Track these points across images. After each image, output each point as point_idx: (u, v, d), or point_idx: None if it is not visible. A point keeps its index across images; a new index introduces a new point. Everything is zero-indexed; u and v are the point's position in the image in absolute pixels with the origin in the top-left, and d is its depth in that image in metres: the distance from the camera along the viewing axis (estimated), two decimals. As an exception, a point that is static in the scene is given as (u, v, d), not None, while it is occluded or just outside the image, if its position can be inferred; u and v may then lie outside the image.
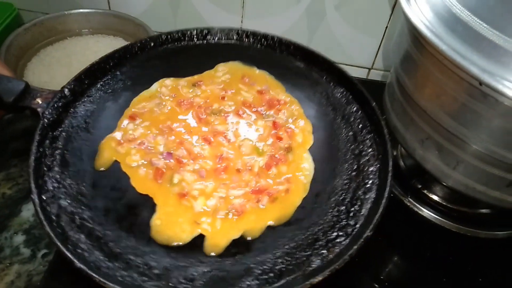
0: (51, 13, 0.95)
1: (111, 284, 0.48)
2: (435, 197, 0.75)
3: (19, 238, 0.67)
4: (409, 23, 0.56)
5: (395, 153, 0.82)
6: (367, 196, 0.61)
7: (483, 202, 0.62)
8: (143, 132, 0.65)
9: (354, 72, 1.02)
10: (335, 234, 0.57)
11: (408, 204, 0.74)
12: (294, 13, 0.92)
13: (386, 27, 0.92)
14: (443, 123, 0.57)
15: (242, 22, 0.97)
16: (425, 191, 0.75)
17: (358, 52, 0.98)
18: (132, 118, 0.67)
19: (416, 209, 0.73)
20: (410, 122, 0.64)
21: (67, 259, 0.50)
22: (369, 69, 1.02)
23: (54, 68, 0.87)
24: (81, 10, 0.97)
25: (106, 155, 0.63)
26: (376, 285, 0.66)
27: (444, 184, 0.64)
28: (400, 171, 0.79)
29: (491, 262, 0.71)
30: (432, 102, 0.58)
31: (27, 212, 0.51)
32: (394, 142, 0.79)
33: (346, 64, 1.00)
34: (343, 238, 0.56)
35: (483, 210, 0.74)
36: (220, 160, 0.62)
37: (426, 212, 0.73)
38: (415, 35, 0.58)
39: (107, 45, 0.94)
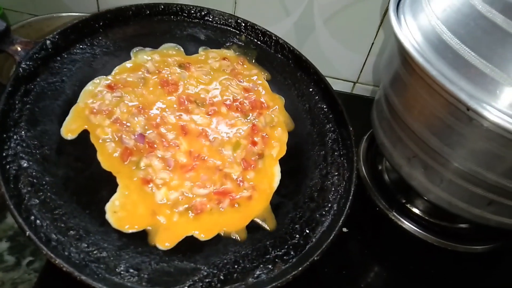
0: (38, 15, 0.90)
1: (57, 260, 0.48)
2: (417, 211, 0.78)
3: (3, 245, 0.64)
4: (400, 46, 0.59)
5: (380, 168, 0.85)
6: (323, 219, 0.63)
7: (463, 218, 0.66)
8: (120, 107, 0.63)
9: (340, 86, 1.04)
10: (284, 250, 0.59)
11: (393, 218, 0.77)
12: (284, 26, 0.94)
13: (372, 44, 0.95)
14: (430, 142, 0.60)
15: None
16: (408, 205, 0.79)
17: (344, 66, 1.01)
18: (111, 87, 0.65)
19: (400, 222, 0.76)
20: (398, 140, 0.67)
21: (17, 223, 0.49)
22: (354, 82, 1.04)
23: None
24: (70, 14, 0.91)
25: (77, 121, 0.61)
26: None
27: (429, 200, 0.68)
28: (385, 185, 0.82)
29: (470, 276, 0.75)
30: (419, 122, 0.61)
31: (12, 218, 0.49)
32: (379, 156, 0.85)
33: (332, 77, 1.02)
34: (291, 256, 0.58)
35: (463, 225, 0.78)
36: (192, 157, 0.62)
37: (409, 226, 0.76)
38: (405, 58, 0.60)
39: None
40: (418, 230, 0.75)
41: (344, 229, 0.73)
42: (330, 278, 0.64)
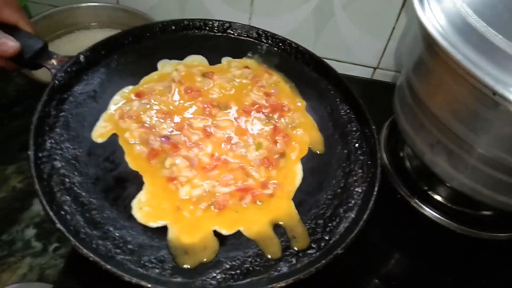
0: (59, 6, 0.94)
1: (84, 250, 0.50)
2: (440, 199, 0.76)
3: (30, 232, 0.68)
4: (423, 30, 0.57)
5: (401, 155, 0.84)
6: (347, 215, 0.62)
7: (487, 205, 0.64)
8: (147, 112, 0.67)
9: (360, 71, 1.03)
10: (307, 245, 0.58)
11: (414, 205, 0.75)
12: (302, 12, 0.93)
13: (393, 28, 0.93)
14: (454, 128, 0.59)
15: (250, 19, 0.97)
16: (430, 193, 0.77)
17: (364, 52, 1.00)
18: (139, 95, 0.69)
19: (422, 210, 0.75)
20: (421, 126, 0.66)
21: (49, 217, 0.52)
22: (375, 68, 1.03)
23: None
24: (90, 4, 0.96)
25: (107, 126, 0.65)
26: (381, 284, 0.68)
27: (452, 187, 0.66)
28: (406, 172, 0.81)
29: (493, 263, 0.73)
30: (443, 108, 0.60)
31: (38, 205, 0.52)
32: (401, 143, 0.84)
33: (352, 63, 1.02)
34: (314, 251, 0.58)
35: (486, 212, 0.76)
36: (215, 157, 0.64)
37: (431, 213, 0.74)
38: (429, 42, 0.59)
39: None
40: (440, 217, 0.73)
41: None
42: (351, 267, 0.64)
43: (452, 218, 0.74)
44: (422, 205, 0.75)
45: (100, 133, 0.64)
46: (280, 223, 0.60)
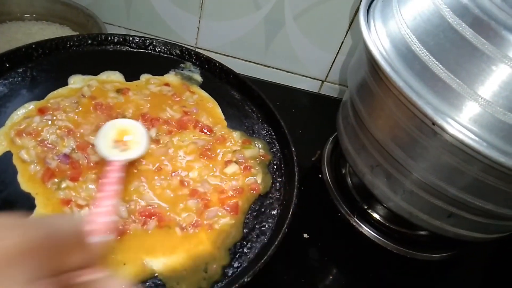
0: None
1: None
2: (378, 217, 0.77)
3: None
4: (368, 53, 0.57)
5: (343, 171, 0.83)
6: (259, 240, 0.59)
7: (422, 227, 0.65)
8: (47, 129, 0.62)
9: (308, 84, 1.03)
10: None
11: (354, 224, 0.75)
12: (253, 19, 0.92)
13: (342, 43, 0.94)
14: (393, 153, 0.59)
15: (199, 22, 0.95)
16: (369, 211, 0.77)
17: (313, 64, 1.00)
18: (42, 111, 0.64)
19: (360, 228, 0.75)
20: (362, 147, 0.66)
21: None
22: (323, 81, 1.03)
23: None
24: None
25: (1, 143, 0.59)
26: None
27: (390, 209, 0.66)
28: (347, 189, 0.80)
29: (427, 283, 0.75)
30: (384, 132, 0.60)
31: None
32: (343, 160, 0.83)
33: (301, 75, 1.01)
34: (221, 279, 0.54)
35: (422, 232, 0.77)
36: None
37: (369, 232, 0.74)
38: (373, 66, 0.59)
39: (52, 33, 0.88)
40: (378, 236, 0.74)
41: (305, 235, 0.72)
42: (288, 285, 0.62)
43: (389, 237, 0.75)
44: (361, 224, 0.75)
45: (-8, 151, 0.58)
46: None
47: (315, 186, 0.80)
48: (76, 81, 0.71)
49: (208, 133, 0.70)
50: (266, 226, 0.61)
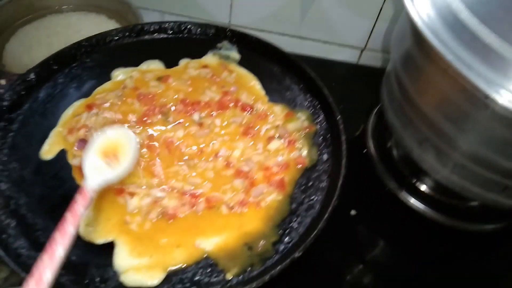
0: None
1: (24, 273, 0.48)
2: (427, 190, 0.74)
3: None
4: (413, 26, 0.54)
5: (389, 144, 0.80)
6: (308, 214, 0.58)
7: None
8: (96, 123, 0.65)
9: (346, 54, 0.98)
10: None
11: (402, 198, 0.73)
12: None
13: (381, 8, 0.88)
14: (443, 127, 0.56)
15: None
16: (417, 184, 0.75)
17: (350, 32, 0.94)
18: (90, 107, 0.67)
19: (409, 203, 0.72)
20: (409, 122, 0.63)
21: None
22: (362, 49, 0.98)
23: (34, 49, 0.85)
24: None
25: (55, 142, 0.63)
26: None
27: (440, 183, 0.63)
28: (394, 162, 0.78)
29: (480, 256, 0.71)
30: (432, 106, 0.57)
31: None
32: (389, 132, 0.81)
33: (338, 44, 0.97)
34: (272, 255, 0.54)
35: (473, 203, 0.73)
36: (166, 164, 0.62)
37: (419, 206, 0.72)
38: (418, 38, 0.56)
39: (90, 23, 0.90)
40: (428, 210, 0.71)
41: (353, 212, 0.71)
42: (338, 262, 0.62)
43: (440, 210, 0.71)
44: (410, 198, 0.72)
45: (48, 150, 0.62)
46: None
47: (360, 161, 0.78)
48: (119, 74, 0.73)
49: (249, 110, 0.69)
50: (315, 199, 0.59)
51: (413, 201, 0.72)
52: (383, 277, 0.67)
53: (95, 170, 0.54)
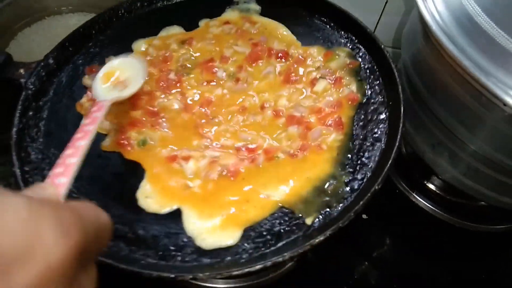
0: None
1: (101, 258, 0.45)
2: (437, 190, 0.74)
3: None
4: (426, 27, 0.52)
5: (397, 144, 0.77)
6: (375, 147, 0.54)
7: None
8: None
9: None
10: (340, 191, 0.51)
11: (413, 199, 0.73)
12: None
13: (386, 2, 0.83)
14: (456, 131, 0.55)
15: None
16: (428, 184, 0.74)
17: None
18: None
19: (421, 204, 0.73)
20: (421, 125, 0.61)
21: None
22: None
23: (35, 53, 0.80)
24: None
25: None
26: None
27: (454, 186, 0.62)
28: (403, 162, 0.77)
29: (492, 256, 0.71)
30: (446, 109, 0.55)
31: None
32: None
33: None
34: (347, 194, 0.51)
35: (483, 203, 0.72)
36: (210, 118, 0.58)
37: (431, 208, 0.72)
38: (431, 41, 0.53)
39: None
40: (439, 211, 0.72)
41: (364, 216, 0.71)
42: (349, 261, 0.63)
43: (451, 211, 0.72)
44: (421, 199, 0.73)
45: (86, 130, 0.58)
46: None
47: None
48: (139, 46, 0.69)
49: (284, 58, 0.65)
50: (379, 132, 0.56)
51: (424, 202, 0.72)
52: (393, 276, 0.67)
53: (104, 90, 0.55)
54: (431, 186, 0.74)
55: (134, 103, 0.59)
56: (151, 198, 0.52)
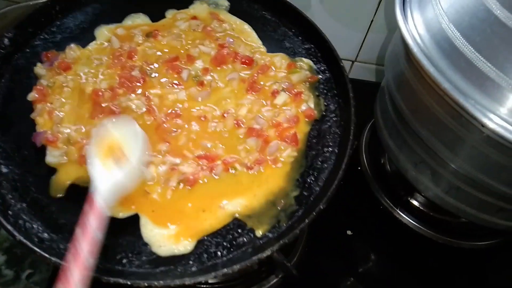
0: (15, 3, 0.78)
1: (53, 259, 0.47)
2: (421, 207, 0.77)
3: (0, 259, 0.62)
4: (407, 49, 0.54)
5: (382, 160, 0.81)
6: (324, 166, 0.59)
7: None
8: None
9: None
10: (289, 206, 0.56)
11: (397, 216, 0.75)
12: None
13: (372, 20, 0.86)
14: (438, 150, 0.57)
15: None
16: (412, 201, 0.77)
17: (341, 44, 0.89)
18: (65, 69, 0.62)
19: (405, 221, 0.75)
20: (404, 143, 0.64)
21: (6, 231, 0.48)
22: (353, 61, 0.96)
23: None
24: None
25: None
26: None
27: (435, 203, 0.65)
28: (387, 179, 0.79)
29: (476, 272, 0.74)
30: (428, 130, 0.58)
31: None
32: (381, 149, 0.80)
33: None
34: (296, 209, 0.55)
35: (465, 219, 0.73)
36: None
37: (414, 224, 0.75)
38: (413, 63, 0.55)
39: None
40: (423, 228, 0.74)
41: (349, 232, 0.73)
42: (334, 277, 0.65)
43: (434, 228, 0.74)
44: (405, 216, 0.75)
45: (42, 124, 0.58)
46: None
47: (354, 179, 0.78)
48: (102, 33, 0.67)
49: (249, 64, 0.66)
50: (329, 152, 0.60)
51: (408, 219, 0.75)
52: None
53: (103, 171, 0.49)
54: (415, 203, 0.77)
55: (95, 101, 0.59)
56: (110, 201, 0.53)
